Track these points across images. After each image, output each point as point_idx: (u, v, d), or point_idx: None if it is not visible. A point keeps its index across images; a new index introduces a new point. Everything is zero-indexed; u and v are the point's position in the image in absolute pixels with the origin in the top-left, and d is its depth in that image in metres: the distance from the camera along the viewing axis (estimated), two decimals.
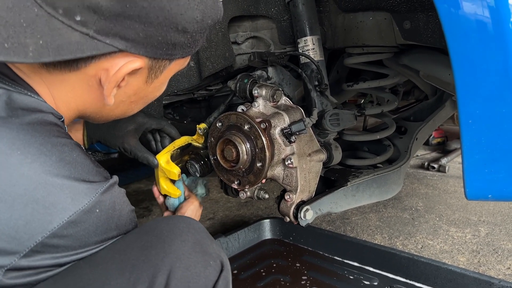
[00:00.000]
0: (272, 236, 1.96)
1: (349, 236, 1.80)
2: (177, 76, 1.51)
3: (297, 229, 1.87)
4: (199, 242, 0.76)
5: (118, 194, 0.76)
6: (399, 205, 2.43)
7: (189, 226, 0.79)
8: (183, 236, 0.75)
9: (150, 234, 0.76)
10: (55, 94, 0.76)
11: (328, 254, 1.74)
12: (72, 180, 0.68)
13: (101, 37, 0.66)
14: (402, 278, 1.52)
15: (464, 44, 0.82)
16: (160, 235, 0.75)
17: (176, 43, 0.72)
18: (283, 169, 1.18)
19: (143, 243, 0.74)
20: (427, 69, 1.34)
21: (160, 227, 0.77)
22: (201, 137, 1.33)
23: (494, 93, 0.79)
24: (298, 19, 1.27)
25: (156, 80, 0.81)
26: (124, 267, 0.70)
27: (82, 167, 0.70)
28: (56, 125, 0.74)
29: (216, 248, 0.79)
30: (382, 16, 1.23)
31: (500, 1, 0.77)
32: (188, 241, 0.75)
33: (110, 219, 0.73)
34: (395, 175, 1.40)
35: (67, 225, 0.66)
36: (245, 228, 1.88)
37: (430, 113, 1.76)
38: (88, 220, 0.69)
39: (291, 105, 1.20)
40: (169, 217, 0.83)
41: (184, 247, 0.73)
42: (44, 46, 0.63)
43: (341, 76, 1.72)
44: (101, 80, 0.73)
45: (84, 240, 0.70)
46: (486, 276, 1.38)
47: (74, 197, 0.67)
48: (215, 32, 1.44)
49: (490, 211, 2.27)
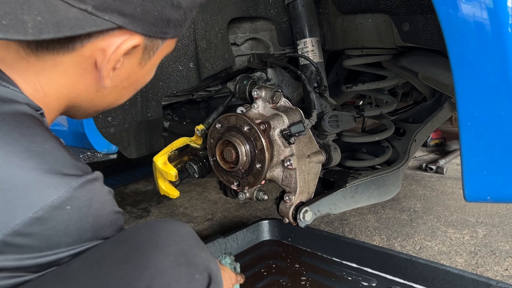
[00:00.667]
0: (270, 237, 1.96)
1: (348, 237, 1.80)
2: (177, 77, 1.51)
3: (296, 230, 1.88)
4: (183, 252, 0.68)
5: (99, 192, 0.68)
6: (397, 206, 2.44)
7: (173, 233, 0.70)
8: (164, 247, 0.67)
9: (128, 244, 0.67)
10: (44, 81, 0.72)
11: (327, 255, 1.74)
12: (41, 172, 0.61)
13: (99, 13, 0.64)
14: (400, 279, 1.53)
15: (463, 46, 0.82)
16: (139, 245, 0.67)
17: (170, 19, 0.72)
18: (282, 171, 1.18)
19: (119, 256, 0.65)
20: (426, 71, 1.34)
21: (139, 236, 0.69)
22: (199, 138, 1.33)
23: (493, 96, 0.80)
24: (298, 21, 1.28)
25: (149, 62, 0.80)
26: (96, 285, 0.63)
27: (54, 158, 0.63)
28: (31, 116, 0.68)
29: (205, 257, 0.71)
30: (381, 18, 1.24)
31: (499, 4, 0.77)
32: (170, 253, 0.67)
33: (84, 218, 0.65)
34: (393, 176, 1.40)
35: (32, 222, 0.59)
36: (243, 229, 1.88)
37: (428, 114, 1.77)
38: (57, 217, 0.61)
39: (290, 107, 1.20)
40: (151, 222, 0.74)
41: (165, 260, 0.65)
42: (43, 22, 0.61)
43: (340, 77, 1.72)
44: (97, 62, 0.71)
45: (52, 240, 0.62)
46: (484, 278, 1.38)
47: (42, 191, 0.60)
48: (214, 34, 1.44)
49: (488, 213, 2.28)
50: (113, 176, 3.20)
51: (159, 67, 1.52)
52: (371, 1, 1.20)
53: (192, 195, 2.89)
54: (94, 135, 1.43)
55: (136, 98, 1.47)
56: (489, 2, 0.78)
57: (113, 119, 1.45)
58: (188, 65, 1.51)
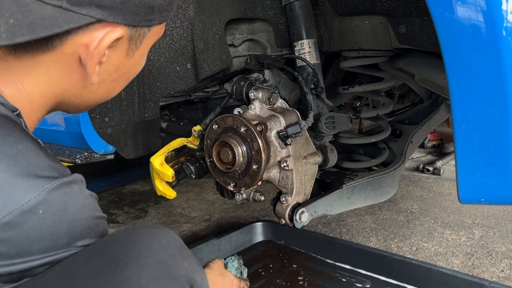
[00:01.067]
0: (264, 238, 1.96)
1: (341, 239, 1.81)
2: (174, 78, 1.51)
3: (290, 232, 1.88)
4: (163, 263, 0.63)
5: (76, 195, 0.63)
6: (394, 208, 2.44)
7: (153, 242, 0.65)
8: (141, 258, 0.62)
9: (102, 255, 0.62)
10: (26, 80, 0.69)
11: (320, 256, 1.75)
12: (11, 175, 0.57)
13: (75, 7, 0.61)
14: (394, 281, 1.53)
15: (457, 49, 0.82)
16: (114, 257, 0.61)
17: (153, 5, 0.69)
18: (279, 172, 1.18)
19: (92, 268, 0.60)
20: (422, 73, 1.35)
21: (116, 246, 0.64)
22: (196, 139, 1.34)
23: (487, 98, 0.80)
24: (295, 22, 1.28)
25: (137, 52, 0.76)
26: None
27: (27, 160, 0.60)
28: (5, 116, 0.64)
29: (188, 267, 0.66)
30: (378, 20, 1.24)
31: (493, 6, 0.77)
32: (148, 265, 0.61)
33: (59, 223, 0.60)
34: (390, 178, 1.41)
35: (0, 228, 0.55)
36: (237, 230, 1.88)
37: (425, 116, 1.77)
38: (28, 222, 0.57)
39: (287, 108, 1.21)
40: (130, 229, 0.68)
41: (141, 274, 0.60)
42: (15, 25, 0.58)
43: (337, 79, 1.73)
44: (81, 58, 0.68)
45: (23, 247, 0.58)
46: (477, 278, 1.39)
47: (11, 194, 0.56)
48: (212, 35, 1.45)
49: (484, 214, 2.29)
50: (111, 176, 3.20)
51: (157, 68, 1.52)
52: (368, 3, 1.21)
53: (189, 195, 2.89)
54: (91, 135, 1.43)
55: (133, 98, 1.47)
56: (483, 5, 0.78)
57: (111, 120, 1.45)
58: (186, 66, 1.51)
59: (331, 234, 2.11)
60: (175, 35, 1.47)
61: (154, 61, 1.49)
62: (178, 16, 1.45)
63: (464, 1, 0.79)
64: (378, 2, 1.18)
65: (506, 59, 0.78)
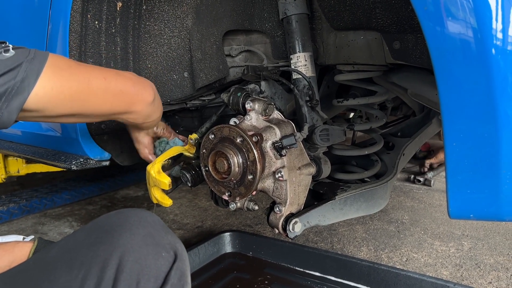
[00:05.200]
0: (232, 249, 1.96)
1: (309, 246, 1.83)
2: (171, 86, 1.53)
3: (257, 242, 1.89)
4: (150, 234, 0.76)
5: None
6: (385, 218, 2.47)
7: (141, 219, 0.79)
8: (133, 229, 0.75)
9: (100, 229, 0.77)
10: None
11: (290, 265, 1.77)
12: None
13: None
14: (364, 286, 1.57)
15: (448, 65, 0.83)
16: (110, 229, 0.75)
17: None
18: (273, 182, 1.20)
19: (92, 240, 0.74)
20: (415, 88, 1.38)
21: (110, 221, 0.78)
22: (192, 147, 1.35)
23: (477, 116, 0.82)
24: (291, 35, 1.31)
25: None
26: (72, 265, 0.71)
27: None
28: None
29: (171, 239, 0.79)
30: (372, 35, 1.27)
31: (483, 24, 0.78)
32: (139, 234, 0.75)
33: None
34: (382, 190, 1.43)
35: None
36: (205, 242, 1.88)
37: (417, 129, 1.81)
38: None
39: (282, 119, 1.23)
40: (121, 211, 0.83)
41: (133, 240, 0.73)
42: None
43: (331, 91, 1.75)
44: None
45: None
46: (442, 280, 1.46)
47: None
48: (209, 45, 1.47)
49: (473, 226, 2.32)
50: (104, 181, 3.19)
51: (154, 76, 1.54)
52: (364, 19, 1.24)
53: (182, 201, 2.89)
54: (88, 141, 1.44)
55: None
56: (473, 22, 0.78)
57: (107, 126, 1.46)
58: (183, 74, 1.53)
59: (323, 243, 2.13)
60: (173, 44, 1.49)
61: (151, 69, 1.51)
62: (176, 25, 1.47)
63: (455, 18, 0.80)
64: (374, 19, 1.21)
65: (496, 77, 0.79)
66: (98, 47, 1.37)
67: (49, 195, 2.89)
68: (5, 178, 2.71)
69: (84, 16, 1.33)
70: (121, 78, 0.95)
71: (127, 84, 0.96)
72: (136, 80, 1.00)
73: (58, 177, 3.42)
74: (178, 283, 0.75)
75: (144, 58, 1.49)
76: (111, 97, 0.91)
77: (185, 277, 0.78)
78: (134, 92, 0.97)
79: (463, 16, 0.79)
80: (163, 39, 1.48)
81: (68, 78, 0.80)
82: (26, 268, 0.73)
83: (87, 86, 0.83)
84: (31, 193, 2.96)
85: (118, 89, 0.92)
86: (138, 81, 1.01)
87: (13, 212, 2.63)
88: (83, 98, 0.84)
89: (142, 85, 1.01)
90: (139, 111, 1.01)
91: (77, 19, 1.33)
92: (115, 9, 1.38)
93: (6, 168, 2.69)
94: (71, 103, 0.82)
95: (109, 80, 0.89)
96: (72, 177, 3.35)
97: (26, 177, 3.09)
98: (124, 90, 0.94)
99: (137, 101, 0.99)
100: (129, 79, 0.97)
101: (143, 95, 1.01)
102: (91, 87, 0.84)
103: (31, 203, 2.74)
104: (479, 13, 0.78)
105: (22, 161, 2.71)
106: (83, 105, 0.86)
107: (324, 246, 2.09)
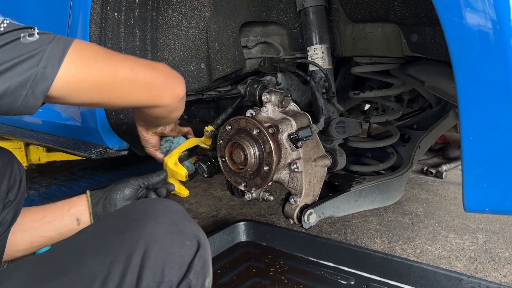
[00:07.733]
0: (246, 238, 1.98)
1: (323, 237, 1.84)
2: (188, 77, 1.55)
3: (271, 232, 1.91)
4: (175, 223, 0.78)
5: None
6: (399, 210, 2.47)
7: (166, 208, 0.81)
8: (158, 218, 0.77)
9: (127, 217, 0.79)
10: None
11: (303, 255, 1.78)
12: None
13: None
14: (377, 277, 1.58)
15: (466, 58, 0.82)
16: (136, 218, 0.77)
17: None
18: (289, 173, 1.21)
19: (119, 227, 0.77)
20: (432, 80, 1.37)
21: (136, 210, 0.80)
22: (208, 139, 1.37)
23: (495, 109, 0.81)
24: (308, 27, 1.31)
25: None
26: (100, 251, 0.73)
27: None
28: None
29: (194, 228, 0.81)
30: (390, 28, 1.26)
31: (502, 15, 0.77)
32: (164, 223, 0.77)
33: None
34: (397, 182, 1.43)
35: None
36: (220, 231, 1.90)
37: (433, 122, 1.79)
38: None
39: (298, 111, 1.24)
40: (146, 200, 0.86)
41: (159, 229, 0.75)
42: None
43: (347, 82, 1.75)
44: None
45: None
46: (456, 273, 1.45)
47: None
48: (226, 36, 1.48)
49: (488, 219, 2.30)
50: (120, 170, 3.25)
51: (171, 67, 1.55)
52: (381, 11, 1.23)
53: (197, 191, 2.93)
54: (107, 131, 1.47)
55: None
56: (492, 13, 0.77)
57: (125, 116, 1.48)
58: (200, 65, 1.54)
59: (337, 234, 2.14)
60: (190, 35, 1.51)
61: (169, 60, 1.53)
62: (194, 17, 1.48)
63: (474, 9, 0.79)
64: (391, 11, 1.20)
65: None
66: (117, 38, 1.39)
67: (68, 182, 2.96)
68: (27, 166, 2.78)
69: (104, 7, 1.35)
70: (151, 70, 0.91)
71: (158, 77, 0.92)
72: (168, 73, 0.96)
73: (76, 165, 3.49)
74: (201, 271, 0.76)
75: (162, 49, 1.51)
76: (137, 89, 0.87)
77: (208, 265, 0.80)
78: (163, 86, 0.94)
79: (482, 7, 0.79)
80: (180, 31, 1.50)
81: (92, 66, 0.77)
82: (56, 252, 0.76)
83: (111, 76, 0.81)
84: (50, 181, 3.04)
85: (145, 81, 0.88)
86: (171, 74, 0.97)
87: (33, 199, 2.70)
88: (106, 87, 0.81)
89: (174, 79, 0.97)
90: (167, 105, 0.97)
91: (97, 11, 1.35)
92: (134, 1, 1.39)
93: (28, 156, 2.76)
94: (93, 93, 0.80)
95: (137, 72, 0.85)
96: (89, 165, 3.41)
97: (45, 165, 3.16)
98: (152, 83, 0.90)
99: (166, 95, 0.95)
100: (160, 72, 0.94)
101: (175, 89, 0.97)
102: (116, 77, 0.82)
103: (50, 190, 2.81)
104: (498, 5, 0.77)
105: (43, 150, 2.77)
106: (106, 95, 0.83)
107: (338, 237, 2.10)
